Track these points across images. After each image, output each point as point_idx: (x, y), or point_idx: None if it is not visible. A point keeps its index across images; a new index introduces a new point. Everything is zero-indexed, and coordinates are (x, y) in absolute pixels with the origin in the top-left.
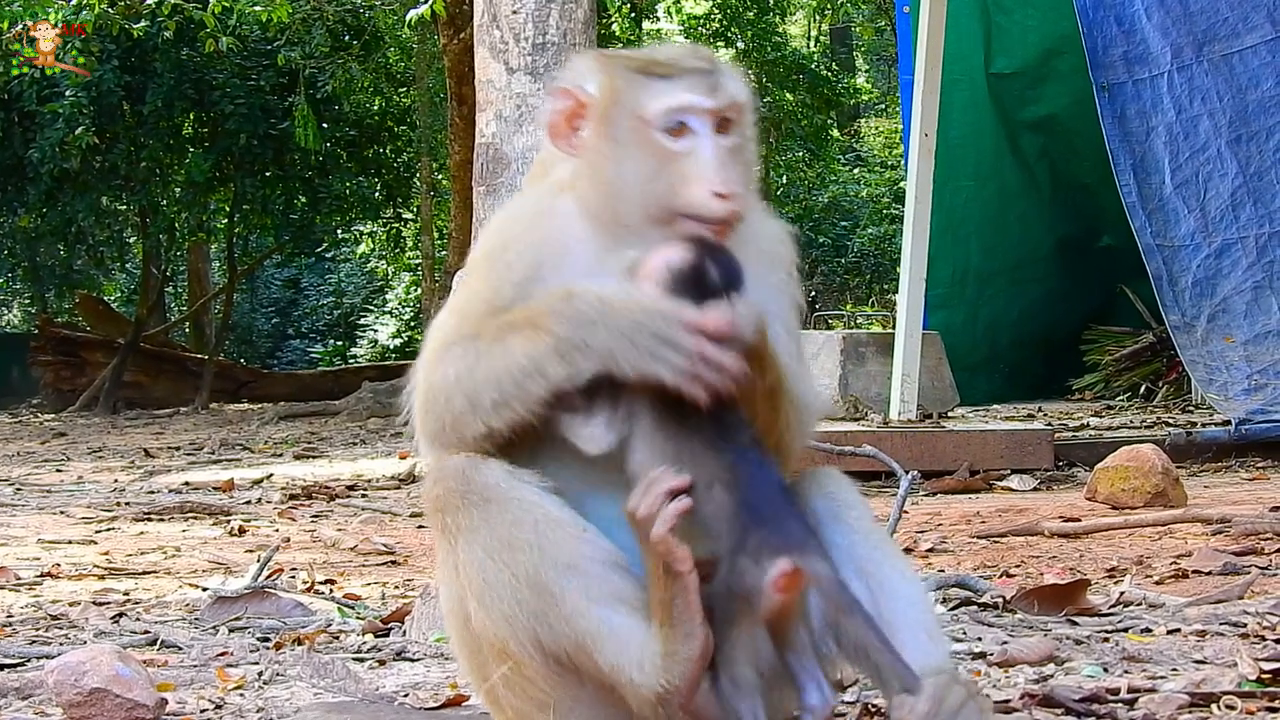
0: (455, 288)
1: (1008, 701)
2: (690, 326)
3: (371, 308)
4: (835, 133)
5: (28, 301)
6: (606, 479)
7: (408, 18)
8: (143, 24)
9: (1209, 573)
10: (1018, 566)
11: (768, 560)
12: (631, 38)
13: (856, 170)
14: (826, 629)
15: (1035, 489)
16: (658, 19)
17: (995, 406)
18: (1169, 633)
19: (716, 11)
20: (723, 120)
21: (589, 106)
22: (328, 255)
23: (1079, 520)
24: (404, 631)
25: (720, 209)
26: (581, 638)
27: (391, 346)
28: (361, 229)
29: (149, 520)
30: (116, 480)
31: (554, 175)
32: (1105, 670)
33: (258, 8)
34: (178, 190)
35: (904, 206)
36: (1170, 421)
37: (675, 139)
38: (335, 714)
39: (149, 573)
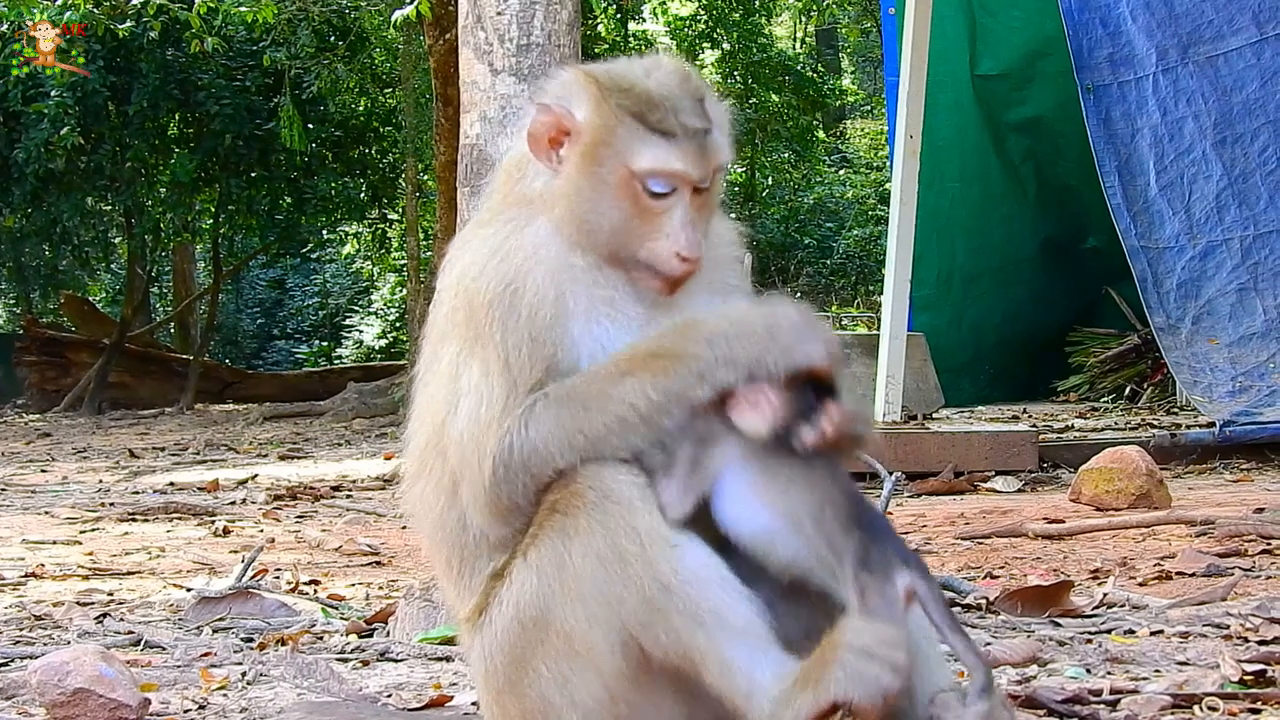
0: (438, 300)
1: None
2: (808, 323)
3: (357, 308)
4: (821, 134)
5: (12, 302)
6: None
7: (393, 18)
8: (128, 24)
9: (1192, 574)
10: (1002, 568)
11: (895, 573)
12: (617, 38)
13: (842, 171)
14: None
15: (1020, 490)
16: (643, 20)
17: (980, 408)
18: (1152, 634)
19: (702, 13)
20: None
21: (574, 133)
22: (313, 256)
23: (1063, 522)
24: (388, 632)
25: (680, 269)
26: (688, 654)
27: (377, 347)
28: (347, 229)
29: (133, 521)
30: (101, 481)
31: (528, 184)
32: (1088, 671)
33: (243, 8)
34: (163, 191)
35: (889, 208)
36: (1155, 423)
37: (655, 197)
38: (318, 714)
39: (133, 573)
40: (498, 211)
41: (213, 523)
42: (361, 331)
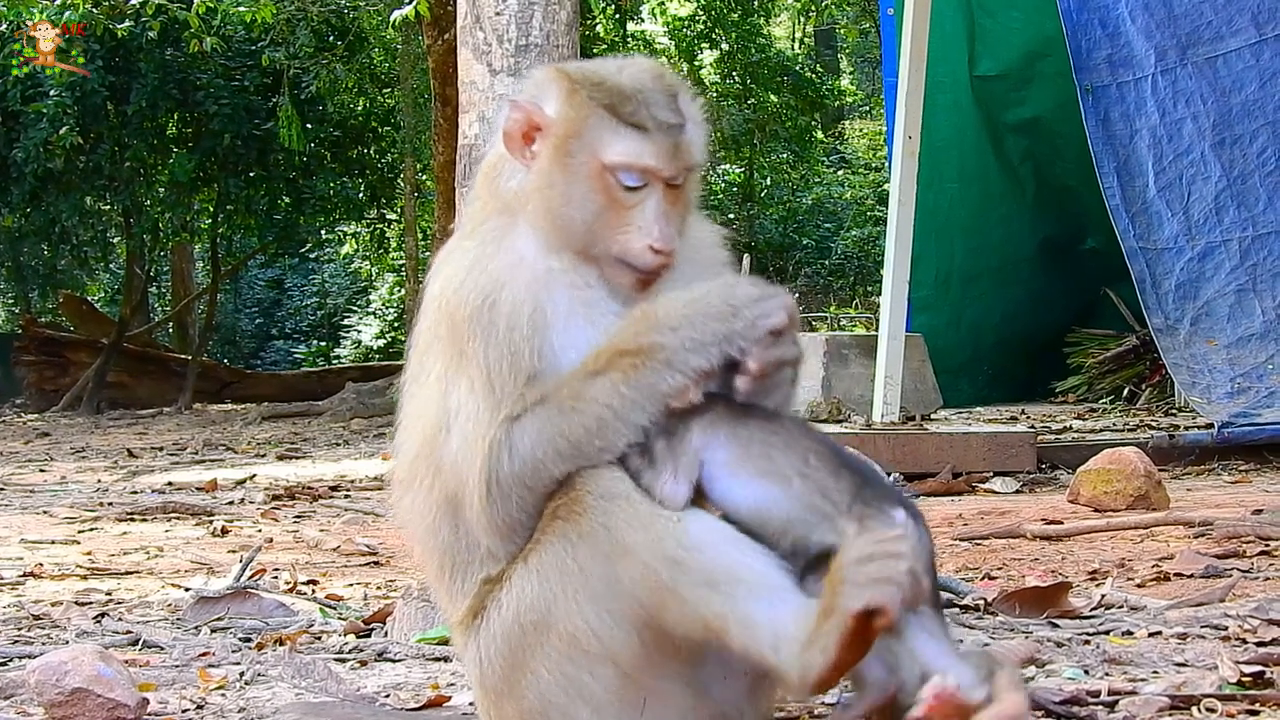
0: (423, 311)
1: None
2: (766, 293)
3: (355, 308)
4: (819, 134)
5: (11, 301)
6: None
7: (392, 18)
8: (127, 24)
9: (1191, 575)
10: (1000, 569)
11: (889, 509)
12: (616, 39)
13: (840, 172)
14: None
15: (1018, 491)
16: (642, 20)
17: (978, 409)
18: (1150, 635)
19: (701, 13)
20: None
21: (545, 127)
22: (311, 256)
23: (1061, 523)
24: (385, 632)
25: (653, 262)
26: (708, 625)
27: (375, 347)
28: (345, 229)
29: (132, 520)
30: (100, 480)
31: (504, 183)
32: (1086, 673)
33: (242, 8)
34: (162, 190)
35: (887, 208)
36: (1153, 424)
37: (627, 190)
38: (315, 715)
39: (131, 573)
40: (479, 221)
41: (211, 522)
42: (360, 331)
